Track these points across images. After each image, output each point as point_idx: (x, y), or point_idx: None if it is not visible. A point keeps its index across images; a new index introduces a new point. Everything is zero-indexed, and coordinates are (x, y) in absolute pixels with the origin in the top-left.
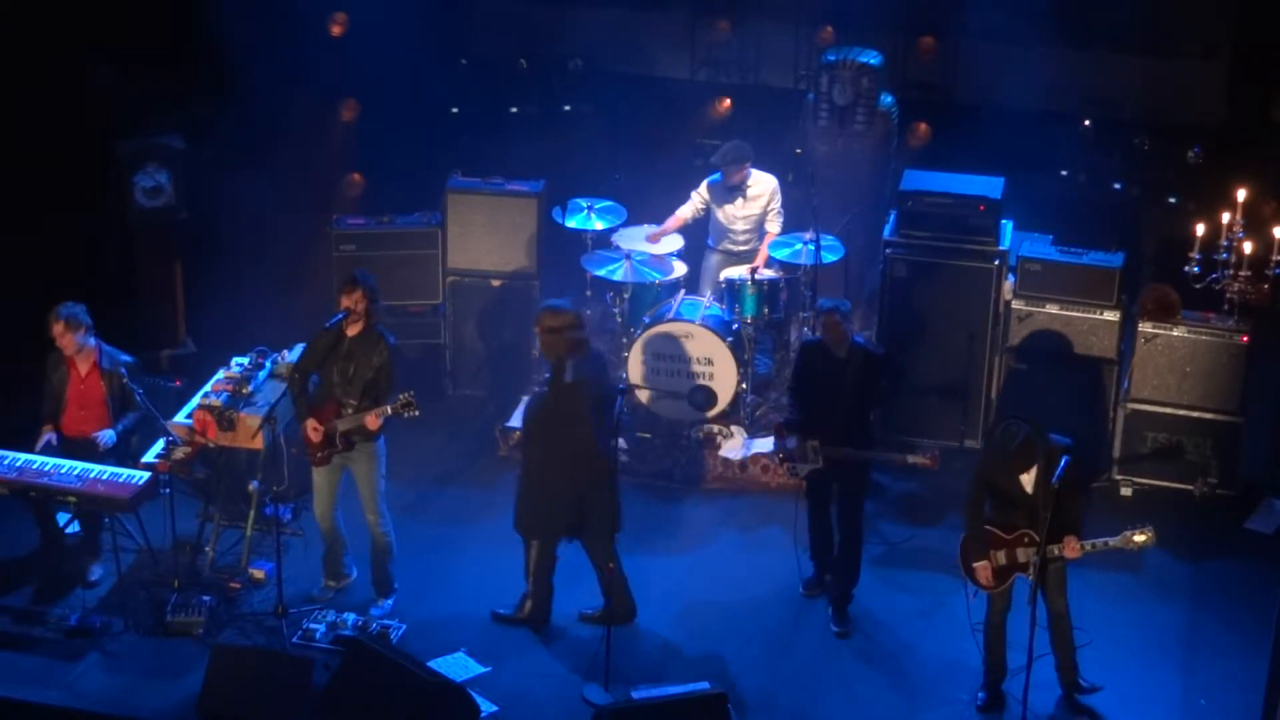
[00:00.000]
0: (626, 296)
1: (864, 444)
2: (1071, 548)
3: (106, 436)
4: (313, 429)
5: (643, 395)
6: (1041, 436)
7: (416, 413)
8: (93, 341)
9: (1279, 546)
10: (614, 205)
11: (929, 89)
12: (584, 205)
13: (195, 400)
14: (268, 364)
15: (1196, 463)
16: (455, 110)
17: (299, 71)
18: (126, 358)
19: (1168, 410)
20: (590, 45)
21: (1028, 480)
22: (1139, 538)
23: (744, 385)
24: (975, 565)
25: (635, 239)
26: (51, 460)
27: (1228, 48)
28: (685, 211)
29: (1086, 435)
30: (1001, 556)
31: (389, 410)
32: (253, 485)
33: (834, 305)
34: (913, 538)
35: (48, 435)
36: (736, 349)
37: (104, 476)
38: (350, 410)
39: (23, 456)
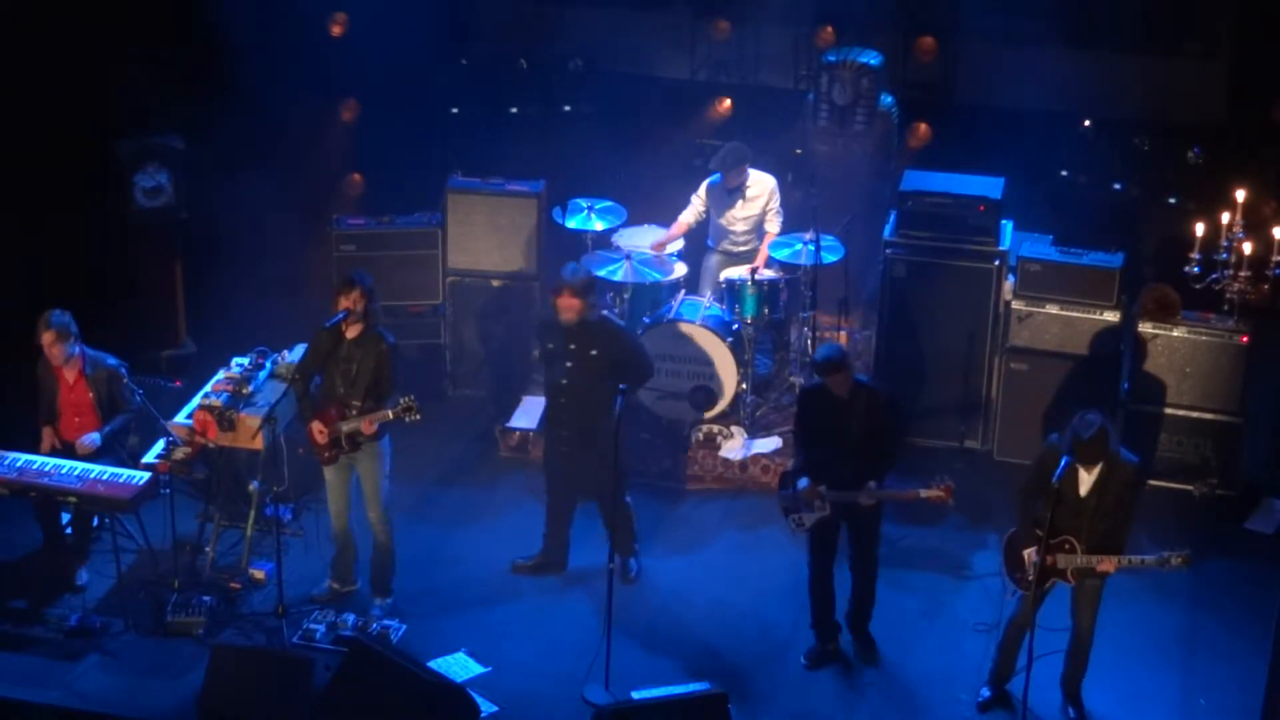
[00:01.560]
0: (627, 297)
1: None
2: (1107, 561)
3: (90, 439)
4: (318, 431)
5: (643, 395)
6: (1114, 439)
7: (418, 417)
8: (78, 349)
9: (1279, 546)
10: (614, 205)
11: (929, 89)
12: (584, 205)
13: (195, 400)
14: (268, 364)
15: (1196, 463)
16: (455, 110)
17: (299, 71)
18: (113, 361)
19: (1168, 410)
20: (590, 45)
21: (1085, 480)
22: (1176, 560)
23: (744, 385)
24: (1025, 551)
25: (636, 239)
26: (51, 460)
27: (1228, 48)
28: (687, 217)
29: None
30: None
31: (390, 415)
32: (253, 485)
33: (831, 357)
34: (911, 537)
35: (50, 440)
36: (736, 349)
37: (104, 477)
38: (355, 412)
39: (23, 456)
